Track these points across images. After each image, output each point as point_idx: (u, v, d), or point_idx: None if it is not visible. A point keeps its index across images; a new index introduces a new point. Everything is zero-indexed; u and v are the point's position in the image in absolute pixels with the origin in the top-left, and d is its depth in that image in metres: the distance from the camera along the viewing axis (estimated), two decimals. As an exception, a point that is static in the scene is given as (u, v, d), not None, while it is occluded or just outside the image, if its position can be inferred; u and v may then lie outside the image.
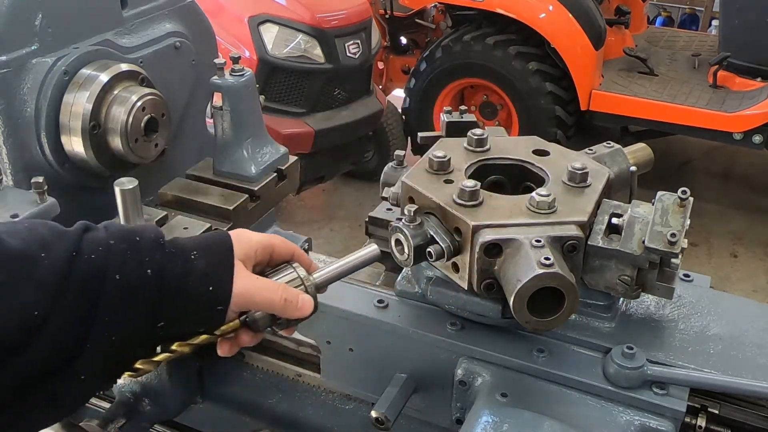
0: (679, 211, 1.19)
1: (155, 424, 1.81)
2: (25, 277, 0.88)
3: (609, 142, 1.43)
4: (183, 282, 0.99)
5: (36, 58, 1.63)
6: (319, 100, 4.58)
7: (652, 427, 1.16)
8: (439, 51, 5.20)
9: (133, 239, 0.98)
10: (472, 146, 1.37)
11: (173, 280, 0.98)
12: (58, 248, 0.92)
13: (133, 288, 0.95)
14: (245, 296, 1.04)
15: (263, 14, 4.42)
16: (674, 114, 4.85)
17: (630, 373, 1.18)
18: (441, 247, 1.17)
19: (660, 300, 1.36)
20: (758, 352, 1.27)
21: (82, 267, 0.92)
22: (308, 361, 1.63)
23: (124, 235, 0.99)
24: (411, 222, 1.18)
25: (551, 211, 1.18)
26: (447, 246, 1.17)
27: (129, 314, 0.95)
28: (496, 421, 1.12)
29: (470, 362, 1.28)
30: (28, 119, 1.64)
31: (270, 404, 1.73)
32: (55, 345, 0.89)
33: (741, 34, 5.00)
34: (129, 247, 0.97)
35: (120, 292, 0.94)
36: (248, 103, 1.83)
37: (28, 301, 0.87)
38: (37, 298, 0.88)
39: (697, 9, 7.47)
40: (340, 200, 5.64)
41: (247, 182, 1.82)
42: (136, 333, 0.97)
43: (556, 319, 1.10)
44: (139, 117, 1.73)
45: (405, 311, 1.38)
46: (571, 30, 4.88)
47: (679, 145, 6.18)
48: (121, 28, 1.82)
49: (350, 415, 1.64)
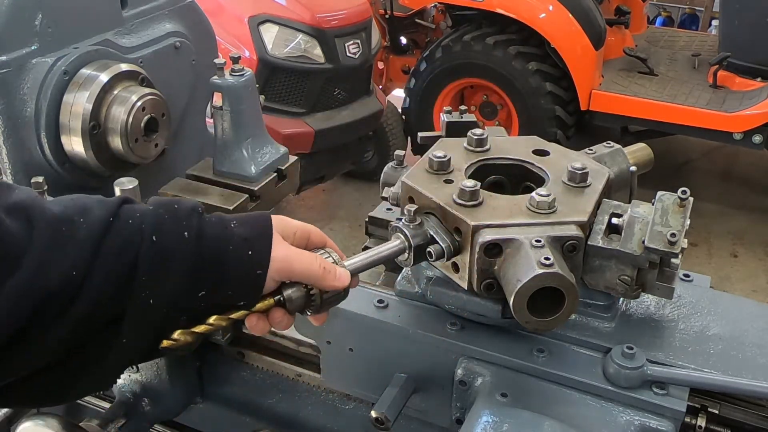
0: (679, 211, 1.19)
1: (155, 424, 1.81)
2: (64, 238, 0.89)
3: (609, 142, 1.43)
4: (222, 246, 0.99)
5: (36, 58, 1.63)
6: (319, 100, 4.58)
7: (652, 427, 1.16)
8: (439, 51, 5.20)
9: (171, 206, 0.99)
10: (472, 146, 1.37)
11: (212, 242, 0.98)
12: (96, 213, 0.94)
13: (170, 250, 0.95)
14: (285, 262, 1.04)
15: (263, 14, 4.42)
16: (674, 114, 4.85)
17: (630, 373, 1.18)
18: (441, 247, 1.17)
19: (660, 300, 1.36)
20: (758, 352, 1.27)
21: (120, 231, 0.94)
22: (308, 361, 1.63)
23: (163, 202, 1.00)
24: (411, 222, 1.18)
25: (551, 211, 1.18)
26: (447, 246, 1.17)
27: (167, 276, 0.95)
28: (496, 421, 1.12)
29: (470, 362, 1.28)
30: (28, 119, 1.64)
31: (270, 404, 1.73)
32: (95, 306, 0.91)
33: (741, 34, 5.00)
34: (166, 212, 0.98)
35: (157, 253, 0.95)
36: (248, 103, 1.83)
37: (67, 262, 0.89)
38: (75, 259, 0.89)
39: (697, 9, 7.47)
40: (340, 200, 5.65)
41: (247, 182, 1.82)
42: (175, 297, 0.97)
43: (556, 319, 1.10)
44: (139, 117, 1.73)
45: (405, 311, 1.38)
46: (571, 30, 4.88)
47: (679, 145, 6.18)
48: (121, 28, 1.82)
49: (350, 415, 1.64)
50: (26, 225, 0.88)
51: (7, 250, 0.86)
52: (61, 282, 0.88)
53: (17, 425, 1.60)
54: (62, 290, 0.88)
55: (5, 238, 0.86)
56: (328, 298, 1.11)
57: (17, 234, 0.87)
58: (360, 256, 1.18)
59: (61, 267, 0.88)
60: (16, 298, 0.85)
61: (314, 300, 1.09)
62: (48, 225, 0.89)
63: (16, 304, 0.85)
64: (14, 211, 0.89)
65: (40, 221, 0.89)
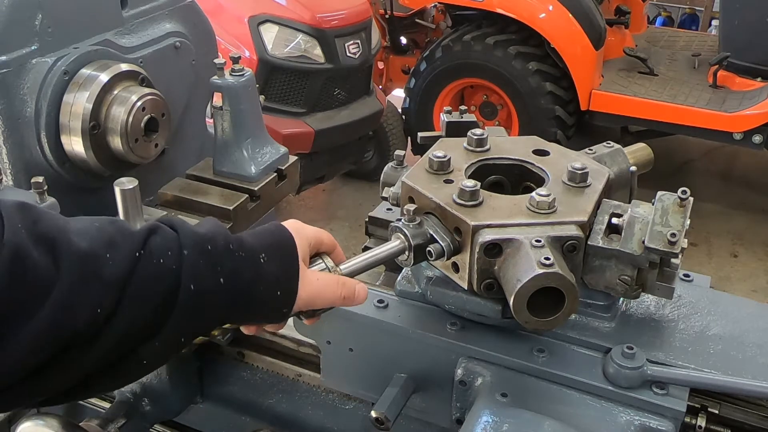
0: (679, 211, 1.19)
1: (155, 424, 1.81)
2: (92, 276, 0.90)
3: (609, 142, 1.43)
4: (254, 287, 1.03)
5: (36, 58, 1.63)
6: (319, 100, 4.58)
7: (652, 427, 1.16)
8: (439, 51, 5.20)
9: (205, 248, 1.00)
10: (472, 146, 1.37)
11: (244, 286, 1.02)
12: (123, 248, 0.94)
13: (207, 295, 0.98)
14: (308, 301, 1.09)
15: (263, 14, 4.42)
16: (674, 114, 4.85)
17: (630, 373, 1.18)
18: (441, 246, 1.17)
19: (660, 300, 1.36)
20: (758, 352, 1.27)
21: (148, 268, 0.94)
22: (308, 361, 1.63)
23: (196, 242, 1.00)
24: (411, 222, 1.18)
25: (551, 211, 1.18)
26: (447, 245, 1.17)
27: (202, 318, 1.00)
28: (496, 421, 1.12)
29: (470, 362, 1.28)
30: (28, 119, 1.64)
31: (270, 404, 1.73)
32: (121, 340, 0.93)
33: (741, 34, 5.00)
34: (201, 256, 0.99)
35: (193, 299, 0.97)
36: (248, 103, 1.83)
37: (95, 299, 0.89)
38: (102, 297, 0.90)
39: (697, 9, 7.47)
40: (340, 200, 5.64)
41: (247, 182, 1.82)
42: (203, 332, 1.03)
43: (556, 319, 1.10)
44: (139, 117, 1.73)
45: (405, 311, 1.37)
46: (571, 30, 4.88)
47: (679, 145, 6.18)
48: (121, 28, 1.82)
49: (350, 415, 1.64)
50: (53, 259, 0.87)
51: (34, 284, 0.85)
52: (87, 322, 0.88)
53: (17, 425, 1.60)
54: (87, 330, 0.89)
55: (34, 271, 0.85)
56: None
57: (44, 267, 0.86)
58: (360, 257, 1.18)
59: (87, 307, 0.88)
60: (39, 337, 0.85)
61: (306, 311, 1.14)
62: (74, 262, 0.88)
63: (39, 343, 0.85)
64: (42, 242, 0.87)
65: (67, 257, 0.88)
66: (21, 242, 0.85)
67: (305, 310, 1.12)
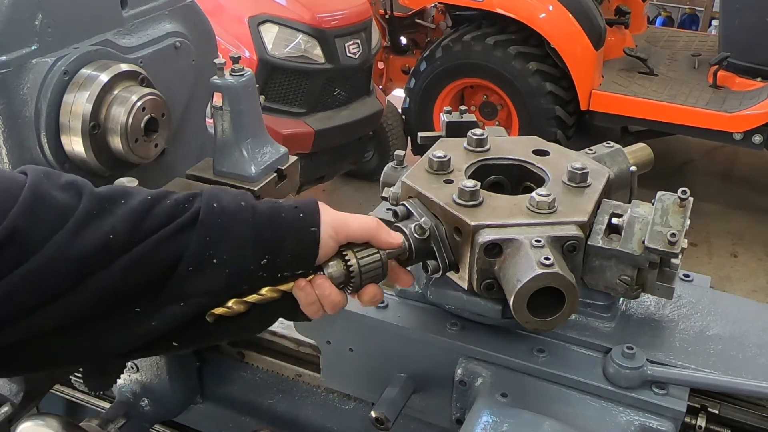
0: (679, 211, 1.19)
1: (155, 424, 1.81)
2: (107, 210, 0.96)
3: (609, 142, 1.43)
4: (275, 213, 1.05)
5: (36, 58, 1.63)
6: (319, 100, 4.58)
7: (652, 427, 1.16)
8: (439, 51, 5.20)
9: (223, 190, 1.06)
10: (472, 146, 1.37)
11: (265, 211, 1.05)
12: (139, 194, 1.00)
13: (231, 212, 1.01)
14: (339, 220, 1.09)
15: (263, 14, 4.41)
16: (674, 114, 4.85)
17: (630, 373, 1.18)
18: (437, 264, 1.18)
19: (660, 300, 1.36)
20: (758, 352, 1.27)
21: (166, 203, 1.00)
22: (308, 361, 1.63)
23: (212, 188, 1.07)
24: (420, 235, 1.18)
25: (551, 211, 1.18)
26: (443, 259, 1.18)
27: (229, 235, 1.00)
28: (496, 421, 1.12)
29: (470, 362, 1.28)
30: (28, 119, 1.64)
31: (270, 404, 1.73)
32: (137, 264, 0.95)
33: (741, 34, 5.00)
34: (220, 192, 1.05)
35: (218, 215, 1.00)
36: (248, 103, 1.83)
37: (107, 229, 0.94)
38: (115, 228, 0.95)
39: (697, 9, 7.47)
40: (340, 200, 5.64)
41: (247, 182, 1.82)
42: (238, 261, 1.01)
43: (556, 319, 1.10)
44: (139, 117, 1.73)
45: (405, 311, 1.38)
46: (571, 30, 4.87)
47: (679, 145, 6.18)
48: (121, 28, 1.82)
49: (350, 415, 1.65)
50: (74, 195, 0.96)
51: (55, 215, 0.93)
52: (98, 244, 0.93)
53: (17, 425, 1.60)
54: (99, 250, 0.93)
55: (55, 207, 0.93)
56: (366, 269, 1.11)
57: (65, 203, 0.94)
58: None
59: (99, 233, 0.94)
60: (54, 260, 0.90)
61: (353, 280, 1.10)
62: (92, 199, 0.96)
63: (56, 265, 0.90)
64: (66, 188, 0.97)
65: (86, 195, 0.96)
66: (43, 186, 0.94)
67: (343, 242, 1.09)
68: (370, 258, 1.11)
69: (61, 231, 0.92)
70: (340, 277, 1.10)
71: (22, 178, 0.95)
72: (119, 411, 1.68)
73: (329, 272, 1.09)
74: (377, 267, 1.11)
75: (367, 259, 1.11)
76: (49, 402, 1.88)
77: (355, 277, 1.10)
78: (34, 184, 0.93)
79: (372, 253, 1.11)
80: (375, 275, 1.12)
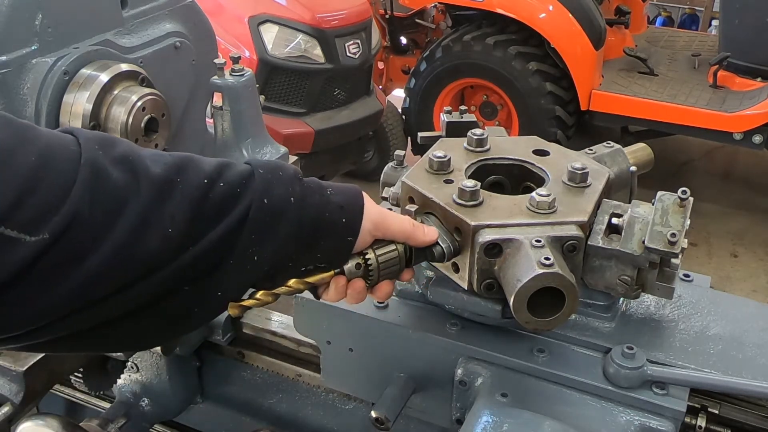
0: (679, 211, 1.19)
1: (155, 424, 1.81)
2: (166, 197, 0.93)
3: (609, 142, 1.43)
4: (321, 212, 1.05)
5: (36, 58, 1.63)
6: (319, 100, 4.58)
7: (652, 427, 1.16)
8: (439, 51, 5.20)
9: (276, 171, 1.04)
10: (472, 146, 1.37)
11: (312, 208, 1.04)
12: (195, 173, 0.97)
13: (279, 212, 1.00)
14: (380, 217, 1.10)
15: (263, 14, 4.42)
16: (674, 114, 4.85)
17: (630, 373, 1.18)
18: (441, 249, 1.17)
19: (660, 300, 1.36)
20: (758, 352, 1.27)
21: (221, 190, 0.98)
22: (308, 361, 1.63)
23: (267, 166, 1.05)
24: None
25: (551, 211, 1.18)
26: (447, 246, 1.17)
27: (274, 237, 1.00)
28: (496, 421, 1.12)
29: (470, 362, 1.28)
30: (28, 119, 1.64)
31: (270, 404, 1.73)
32: (194, 261, 0.95)
33: (741, 34, 5.00)
34: (273, 176, 1.03)
35: (267, 214, 0.99)
36: (248, 103, 1.83)
37: (167, 222, 0.92)
38: (174, 220, 0.93)
39: (697, 9, 7.47)
40: (340, 200, 5.63)
41: (247, 182, 1.82)
42: (278, 257, 1.02)
43: (556, 319, 1.10)
44: (139, 117, 1.73)
45: (405, 311, 1.38)
46: (571, 30, 4.88)
47: (679, 145, 6.18)
48: (121, 28, 1.82)
49: (350, 415, 1.65)
50: (132, 177, 0.91)
51: (115, 201, 0.89)
52: (162, 240, 0.91)
53: (17, 425, 1.60)
54: (163, 247, 0.92)
55: (115, 190, 0.89)
56: (384, 265, 1.11)
57: (124, 187, 0.90)
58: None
59: (161, 227, 0.91)
60: (118, 254, 0.88)
61: (372, 275, 1.10)
62: (150, 183, 0.92)
63: (117, 260, 0.88)
64: (120, 163, 0.92)
65: (144, 178, 0.92)
66: (100, 162, 0.89)
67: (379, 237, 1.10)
68: (389, 255, 1.12)
69: (121, 223, 0.88)
70: (358, 273, 1.10)
71: (74, 145, 0.89)
72: (119, 411, 1.68)
73: (348, 267, 1.10)
74: (395, 264, 1.13)
75: (386, 255, 1.12)
76: (49, 402, 1.88)
77: (373, 273, 1.11)
78: (92, 159, 0.88)
79: (390, 250, 1.12)
80: (392, 271, 1.13)
